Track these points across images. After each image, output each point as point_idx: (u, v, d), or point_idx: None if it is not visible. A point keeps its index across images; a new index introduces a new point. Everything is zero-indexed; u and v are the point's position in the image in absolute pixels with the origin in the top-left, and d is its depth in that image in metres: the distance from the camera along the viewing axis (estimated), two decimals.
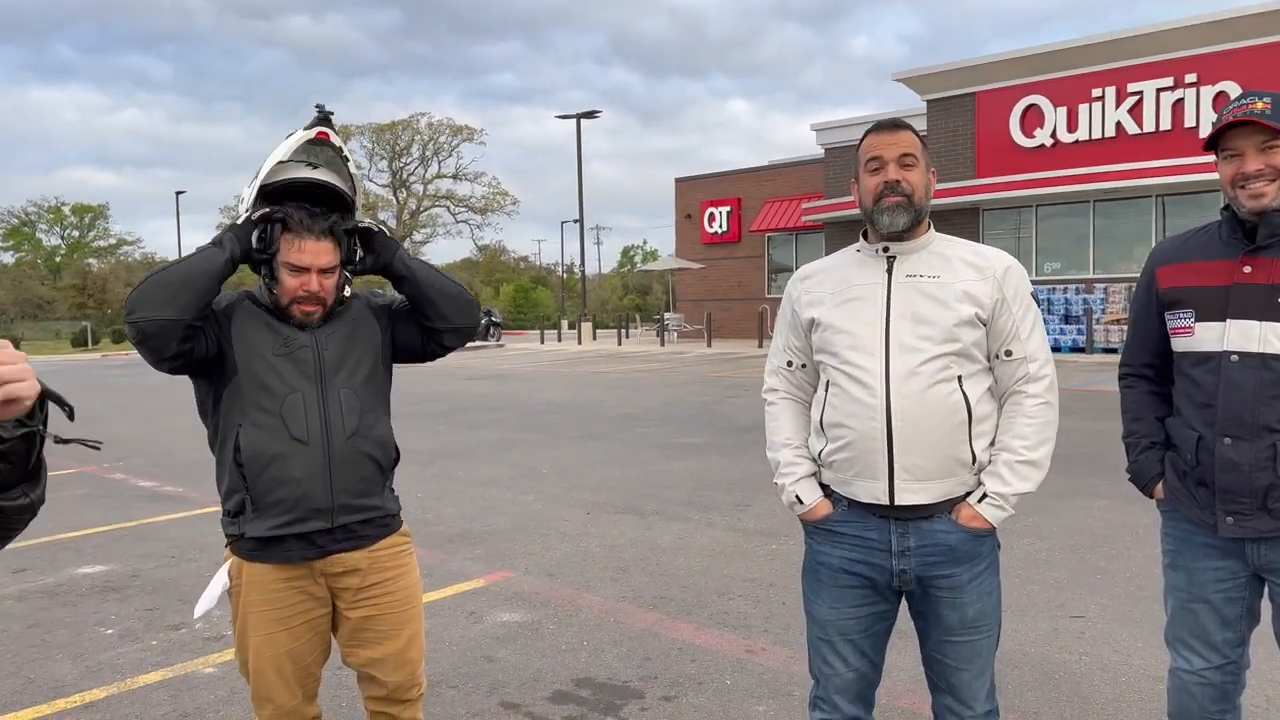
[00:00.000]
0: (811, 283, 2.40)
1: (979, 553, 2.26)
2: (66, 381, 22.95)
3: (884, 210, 2.25)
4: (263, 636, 2.40)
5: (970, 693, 2.30)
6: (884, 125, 2.32)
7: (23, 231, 75.49)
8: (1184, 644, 2.43)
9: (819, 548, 2.36)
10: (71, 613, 4.99)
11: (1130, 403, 2.58)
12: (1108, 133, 23.15)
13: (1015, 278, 2.29)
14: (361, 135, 55.24)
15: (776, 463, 2.41)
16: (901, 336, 2.21)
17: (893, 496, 2.21)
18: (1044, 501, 6.93)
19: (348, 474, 2.38)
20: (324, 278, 2.40)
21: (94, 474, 9.22)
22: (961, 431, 2.20)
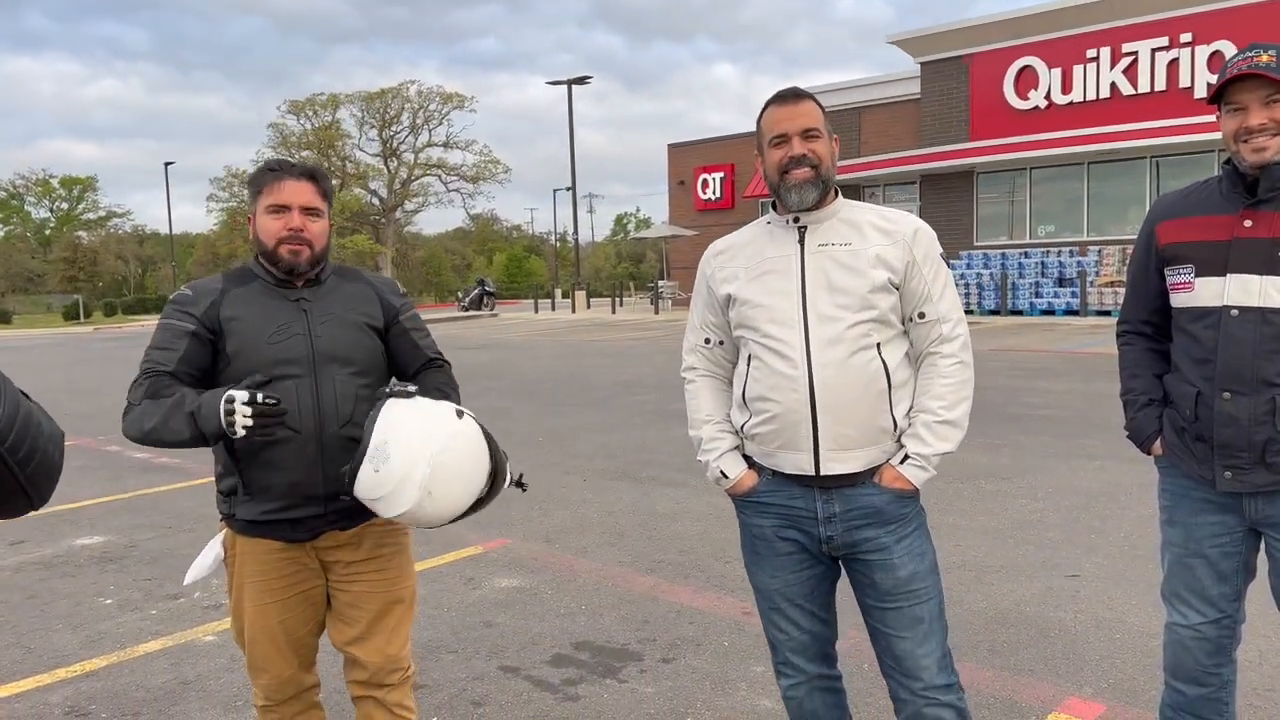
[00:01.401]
0: (724, 258, 2.39)
1: (904, 515, 2.25)
2: (62, 354, 22.87)
3: (791, 187, 2.23)
4: (257, 607, 2.39)
5: (914, 663, 2.23)
6: (785, 96, 2.27)
7: (11, 205, 74.92)
8: (1180, 599, 2.43)
9: (750, 520, 2.37)
10: (70, 584, 5.00)
11: (1128, 360, 2.56)
12: (1102, 94, 23.02)
13: (925, 240, 2.27)
14: (351, 104, 54.60)
15: (699, 439, 2.41)
16: (819, 306, 2.21)
17: (818, 467, 2.21)
18: (1038, 462, 6.96)
19: (340, 462, 2.31)
20: (308, 218, 2.35)
21: (89, 446, 9.22)
22: (883, 399, 2.21)
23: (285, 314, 2.36)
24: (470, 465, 2.22)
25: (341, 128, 54.83)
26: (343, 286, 2.46)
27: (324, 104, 54.33)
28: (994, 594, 4.34)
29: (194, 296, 2.37)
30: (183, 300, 2.37)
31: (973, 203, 25.50)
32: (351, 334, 2.40)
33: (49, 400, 12.83)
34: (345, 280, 2.48)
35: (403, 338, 2.50)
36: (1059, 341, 16.01)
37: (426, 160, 55.95)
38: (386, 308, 2.49)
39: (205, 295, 2.36)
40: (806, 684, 2.40)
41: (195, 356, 2.31)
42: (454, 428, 2.20)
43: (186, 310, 2.34)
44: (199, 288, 2.40)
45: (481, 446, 2.25)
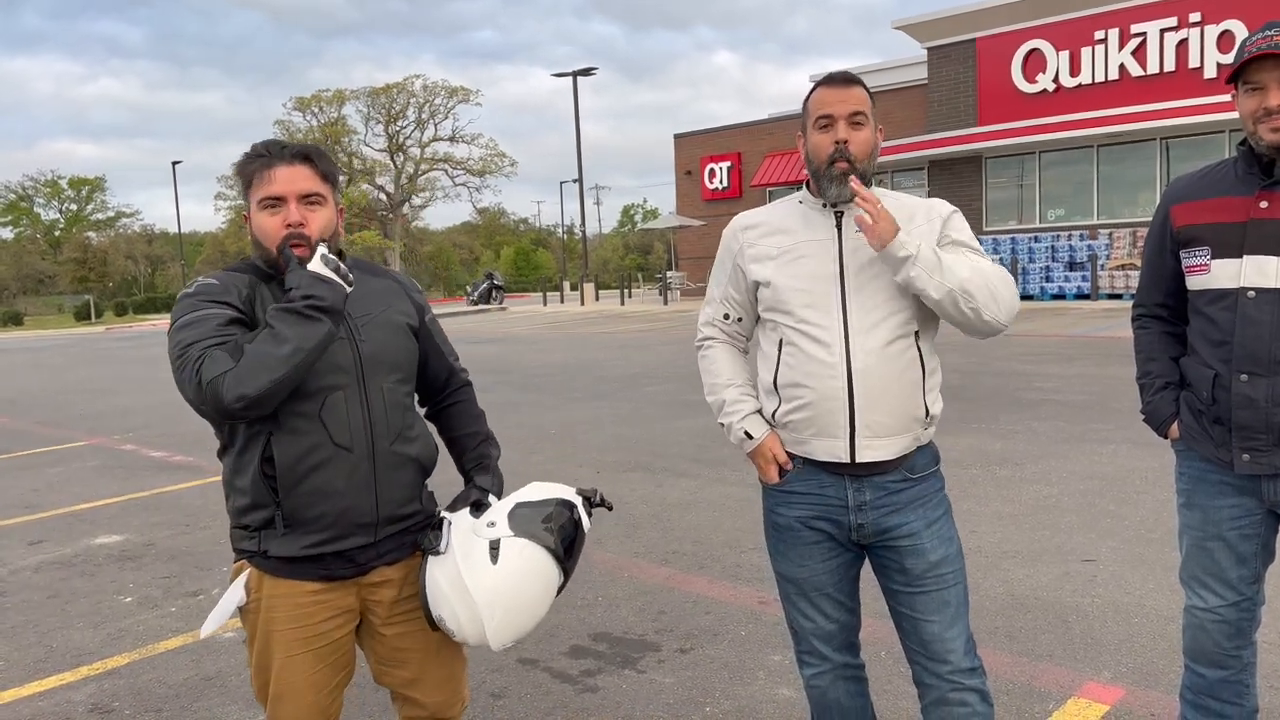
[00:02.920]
0: (754, 234, 2.32)
1: (933, 499, 2.26)
2: (74, 355, 22.99)
3: (833, 179, 2.19)
4: (287, 659, 2.07)
5: (942, 646, 2.23)
6: (834, 79, 2.21)
7: (20, 206, 75.23)
8: (1199, 582, 2.42)
9: (776, 509, 2.34)
10: (90, 582, 5.03)
11: (1144, 343, 2.54)
12: (1111, 76, 22.87)
13: (957, 221, 2.26)
14: (357, 99, 54.71)
15: (721, 403, 2.36)
16: (858, 291, 2.18)
17: (854, 454, 2.19)
18: (1052, 447, 6.95)
19: (393, 482, 2.10)
20: (307, 208, 2.02)
21: (105, 445, 9.27)
22: (917, 388, 2.20)
23: None
24: (529, 595, 2.08)
25: (347, 123, 54.95)
26: (370, 282, 2.18)
27: (329, 100, 54.43)
28: (1010, 579, 4.34)
29: (222, 287, 2.02)
30: (210, 291, 2.01)
31: (981, 187, 25.39)
32: (396, 337, 2.16)
33: (64, 402, 12.96)
34: (368, 275, 2.21)
35: (430, 341, 2.30)
36: (1070, 326, 15.95)
37: (433, 155, 56.02)
38: (417, 306, 2.27)
39: (236, 285, 2.04)
40: (831, 673, 2.39)
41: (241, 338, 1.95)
42: (491, 579, 2.04)
43: (219, 299, 1.99)
44: (224, 278, 2.05)
45: (533, 569, 2.07)
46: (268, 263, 2.06)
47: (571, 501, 2.19)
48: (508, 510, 2.13)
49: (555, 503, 2.17)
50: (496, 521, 2.11)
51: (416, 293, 2.32)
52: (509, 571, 2.05)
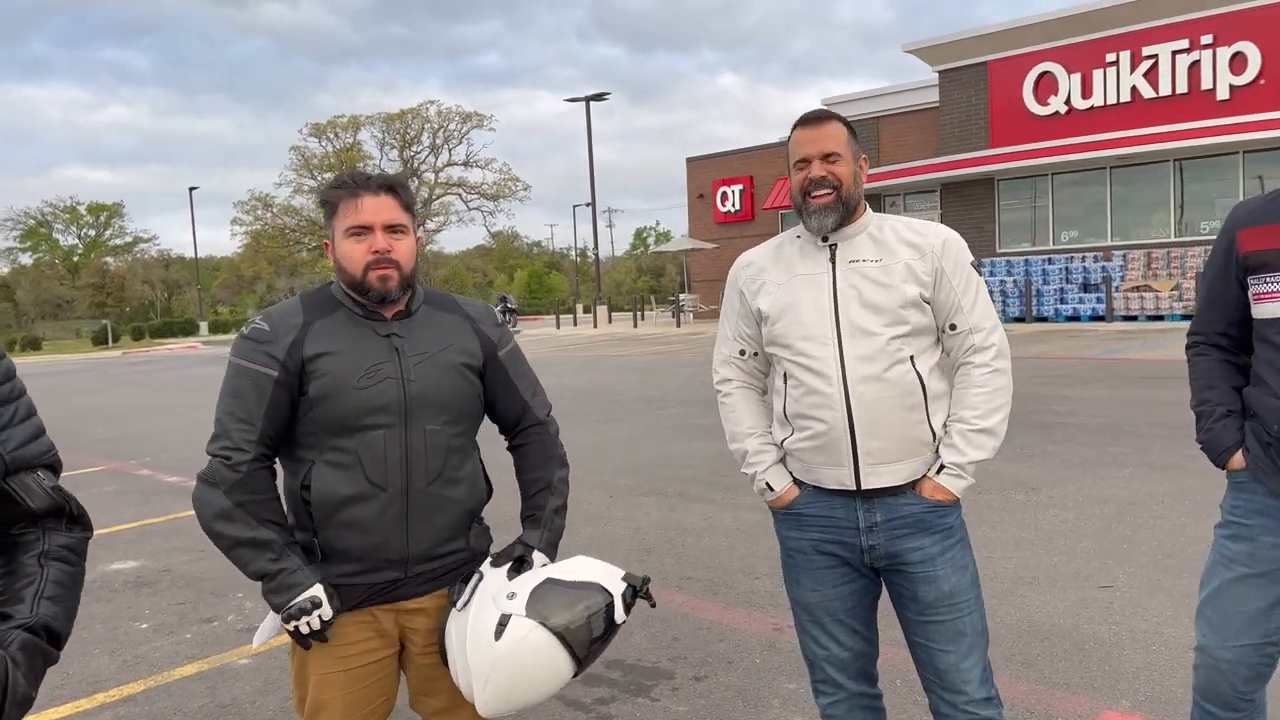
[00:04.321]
0: (754, 270, 2.39)
1: (946, 525, 2.26)
2: (91, 379, 23.17)
3: (812, 212, 2.25)
4: (322, 677, 2.10)
5: (958, 676, 2.24)
6: (808, 119, 2.28)
7: (39, 232, 76.09)
8: (1225, 621, 2.31)
9: (789, 534, 2.37)
10: (106, 608, 5.06)
11: (1201, 370, 2.43)
12: (1123, 98, 22.88)
13: (953, 250, 2.28)
14: (372, 125, 55.27)
15: (743, 453, 2.41)
16: (852, 322, 2.22)
17: (859, 481, 2.23)
18: (1068, 471, 6.91)
19: (427, 522, 2.10)
20: (393, 237, 2.08)
21: (121, 470, 9.33)
22: (919, 411, 2.23)
23: (375, 352, 2.08)
24: (527, 677, 1.98)
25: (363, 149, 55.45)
26: (435, 318, 2.18)
27: (345, 126, 54.99)
28: (1027, 606, 4.31)
29: (272, 332, 2.06)
30: (260, 336, 2.06)
31: (994, 210, 25.37)
32: (448, 377, 2.13)
33: (80, 427, 13.04)
34: (438, 310, 2.21)
35: (500, 376, 2.25)
36: (1085, 348, 15.87)
37: (447, 179, 56.46)
38: (485, 342, 2.22)
39: (285, 331, 2.06)
40: (846, 702, 2.38)
41: (280, 408, 2.04)
42: (489, 654, 1.97)
43: (266, 351, 2.04)
44: (277, 320, 2.08)
45: (536, 654, 1.96)
46: (351, 286, 2.10)
47: (610, 592, 2.04)
48: (535, 584, 2.02)
49: (591, 589, 2.03)
50: (518, 594, 2.00)
51: (490, 325, 2.27)
52: (507, 652, 1.96)
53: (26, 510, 1.52)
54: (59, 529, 1.57)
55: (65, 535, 1.57)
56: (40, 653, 1.49)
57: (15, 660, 1.44)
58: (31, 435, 1.54)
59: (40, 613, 1.50)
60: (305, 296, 2.17)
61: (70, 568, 1.57)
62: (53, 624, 1.51)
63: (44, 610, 1.50)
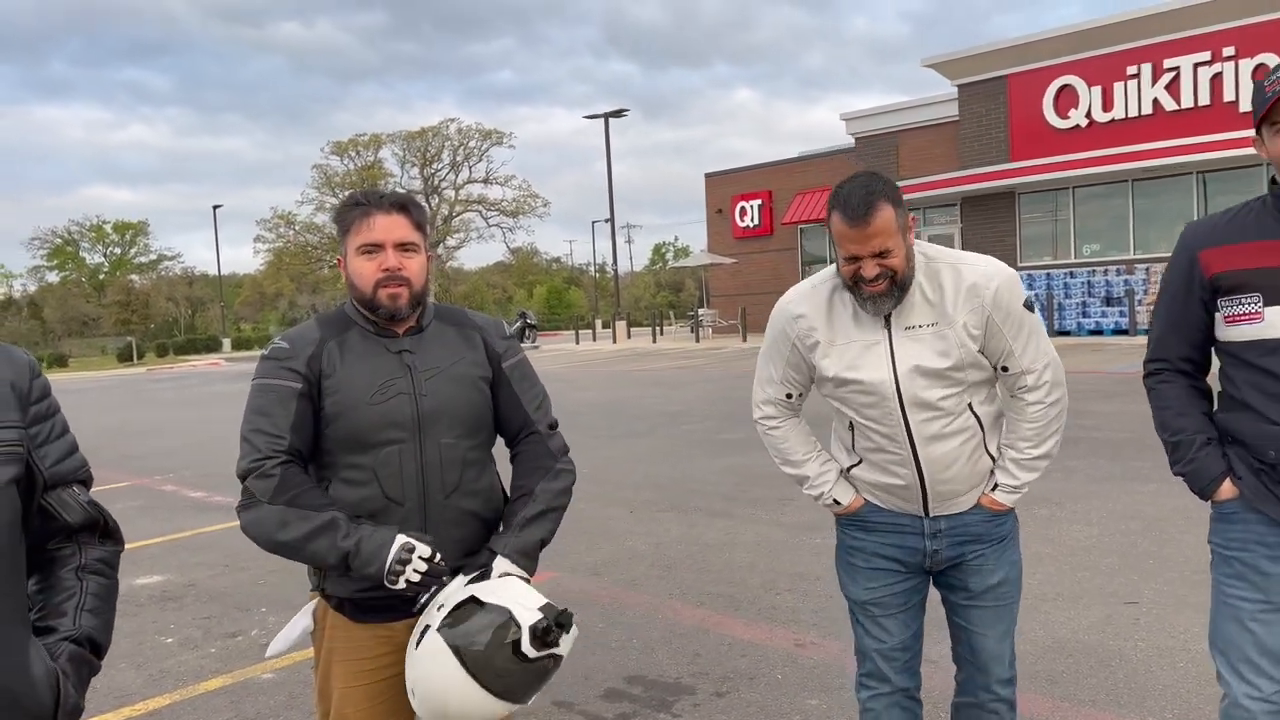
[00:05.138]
0: (806, 325, 2.34)
1: (1003, 531, 2.43)
2: (116, 396, 23.41)
3: (867, 298, 2.23)
4: (345, 690, 2.12)
5: (989, 658, 2.42)
6: (854, 214, 2.13)
7: (66, 251, 77.10)
8: (1250, 664, 2.17)
9: (852, 535, 2.48)
10: (132, 622, 5.10)
11: (1170, 398, 2.32)
12: (1144, 110, 22.76)
13: (1004, 298, 2.25)
14: (393, 143, 55.71)
15: (805, 477, 2.48)
16: (913, 391, 2.26)
17: (927, 512, 2.37)
18: (1092, 486, 6.85)
19: (447, 535, 2.10)
20: (404, 255, 2.10)
21: (146, 486, 9.42)
22: (979, 450, 2.35)
23: (387, 369, 2.11)
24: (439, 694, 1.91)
25: (383, 167, 55.88)
26: (446, 332, 2.21)
27: (366, 144, 55.44)
28: (1051, 623, 4.27)
29: (292, 349, 2.10)
30: (280, 354, 2.11)
31: (1015, 223, 25.26)
32: (461, 391, 2.15)
33: (106, 443, 13.17)
34: (448, 325, 2.24)
35: (505, 388, 2.25)
36: (1108, 362, 15.75)
37: (467, 196, 56.77)
38: (491, 354, 2.24)
39: (304, 346, 2.11)
40: (888, 697, 2.49)
41: (306, 420, 2.06)
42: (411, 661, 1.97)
43: (288, 366, 2.08)
44: (295, 338, 2.14)
45: (438, 673, 1.90)
46: (362, 303, 2.13)
47: (518, 622, 1.90)
48: (458, 600, 1.95)
49: (500, 614, 1.91)
50: (445, 606, 1.95)
51: (499, 337, 2.28)
52: (421, 664, 1.93)
53: (63, 525, 1.55)
54: (94, 543, 1.60)
55: (100, 549, 1.61)
56: (86, 663, 1.53)
57: (65, 671, 1.48)
58: (67, 451, 1.58)
59: (83, 625, 1.53)
60: (321, 317, 2.21)
61: (106, 580, 1.60)
62: (95, 635, 1.55)
63: (86, 622, 1.54)
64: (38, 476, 1.50)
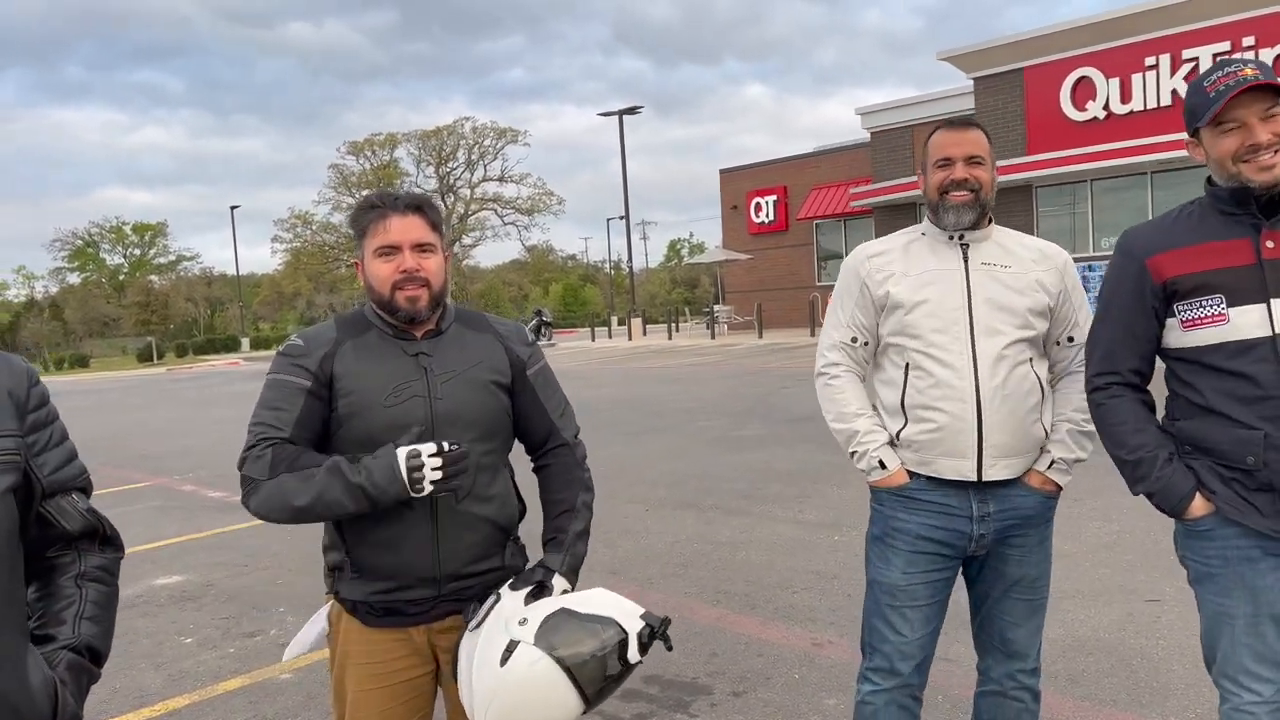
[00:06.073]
0: (882, 260, 2.45)
1: (1048, 518, 2.43)
2: (136, 396, 23.60)
3: (950, 207, 2.36)
4: (359, 693, 2.11)
5: (1020, 648, 2.45)
6: (955, 123, 2.43)
7: (87, 252, 77.80)
8: (1248, 674, 2.12)
9: (894, 514, 2.42)
10: (151, 622, 5.13)
11: (1125, 413, 2.22)
12: (1163, 102, 22.54)
13: (1072, 268, 2.46)
14: (408, 143, 55.90)
15: (854, 432, 2.43)
16: (985, 320, 2.32)
17: (980, 474, 2.32)
18: (1111, 481, 6.77)
19: (457, 540, 2.08)
20: (421, 256, 2.09)
21: (166, 486, 9.48)
22: (1037, 411, 2.35)
23: (403, 371, 2.09)
24: (529, 710, 1.90)
25: (399, 166, 56.10)
26: (465, 336, 2.19)
27: (381, 144, 55.66)
28: (1071, 621, 4.24)
29: (306, 347, 2.10)
30: (294, 351, 2.10)
31: (1032, 217, 25.09)
32: (477, 395, 2.13)
33: (126, 443, 13.29)
34: (469, 329, 2.21)
35: (528, 395, 2.22)
36: None
37: (483, 195, 56.91)
38: (514, 360, 2.21)
39: (318, 346, 2.10)
40: (890, 692, 2.46)
41: (312, 417, 2.05)
42: (492, 680, 1.91)
43: (299, 364, 2.07)
44: (311, 337, 2.12)
45: (539, 686, 1.88)
46: (380, 305, 2.12)
47: (625, 630, 1.93)
48: (548, 613, 1.95)
49: (606, 624, 1.93)
50: (529, 620, 1.94)
51: (521, 344, 2.26)
52: (512, 680, 1.89)
53: (62, 532, 1.55)
54: (93, 550, 1.60)
55: (99, 556, 1.60)
56: (85, 672, 1.53)
57: (63, 680, 1.47)
58: (66, 458, 1.57)
59: (82, 633, 1.53)
60: (339, 318, 2.21)
61: (106, 588, 1.60)
62: (94, 643, 1.55)
63: (85, 630, 1.54)
64: (36, 484, 1.50)
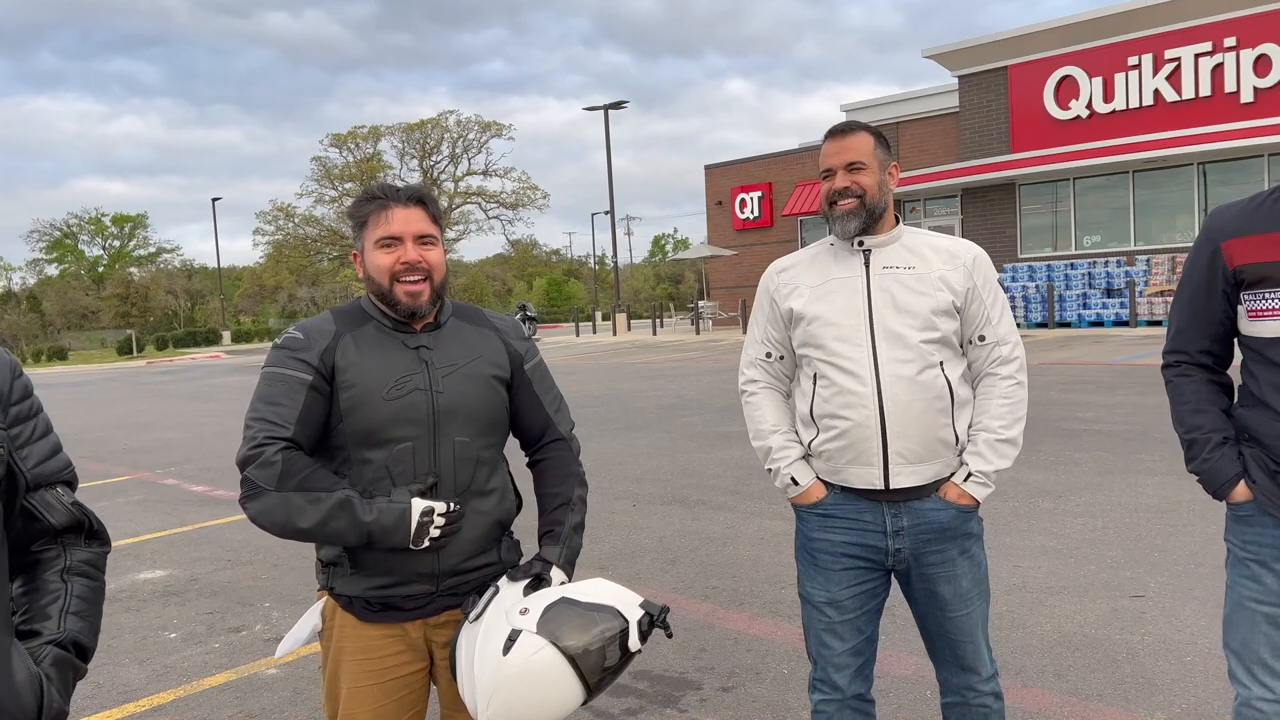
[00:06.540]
0: (789, 274, 2.47)
1: (969, 530, 2.36)
2: (116, 389, 23.40)
3: (836, 218, 2.36)
4: (353, 690, 2.10)
5: (972, 660, 2.41)
6: (835, 131, 2.39)
7: (65, 244, 77.02)
8: (1263, 666, 2.13)
9: (813, 530, 2.42)
10: (135, 618, 5.09)
11: (1188, 393, 2.24)
12: (1145, 101, 22.72)
13: (984, 265, 2.39)
14: (392, 135, 55.59)
15: (767, 450, 2.47)
16: (886, 324, 2.29)
17: (887, 481, 2.29)
18: (1096, 479, 6.84)
19: (458, 535, 2.08)
20: (423, 248, 2.09)
21: (148, 480, 9.40)
22: (946, 415, 2.30)
23: (404, 364, 2.08)
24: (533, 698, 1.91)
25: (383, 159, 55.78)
26: (465, 331, 2.19)
27: (365, 136, 55.32)
28: (1057, 616, 4.27)
29: (306, 340, 2.07)
30: (294, 344, 2.07)
31: (1015, 215, 25.23)
32: (477, 389, 2.13)
33: (107, 436, 13.16)
34: (467, 323, 2.21)
35: (525, 391, 2.23)
36: (1110, 354, 15.74)
37: (466, 189, 56.68)
38: (513, 355, 2.22)
39: (318, 338, 2.07)
40: (839, 703, 2.45)
41: (314, 413, 2.02)
42: (495, 669, 1.91)
43: (300, 357, 2.04)
44: (310, 330, 2.10)
45: (543, 674, 1.90)
46: (379, 297, 2.11)
47: (626, 618, 1.96)
48: (549, 602, 1.97)
49: (607, 613, 1.96)
50: (531, 610, 1.96)
51: (519, 339, 2.26)
52: (515, 669, 1.90)
53: (47, 527, 1.53)
54: (79, 544, 1.57)
55: (85, 550, 1.58)
56: (71, 667, 1.51)
57: (48, 676, 1.45)
58: (51, 451, 1.55)
59: (68, 628, 1.51)
60: (337, 311, 2.17)
61: (92, 583, 1.58)
62: (80, 639, 1.52)
63: (71, 626, 1.51)
64: (19, 478, 1.48)
